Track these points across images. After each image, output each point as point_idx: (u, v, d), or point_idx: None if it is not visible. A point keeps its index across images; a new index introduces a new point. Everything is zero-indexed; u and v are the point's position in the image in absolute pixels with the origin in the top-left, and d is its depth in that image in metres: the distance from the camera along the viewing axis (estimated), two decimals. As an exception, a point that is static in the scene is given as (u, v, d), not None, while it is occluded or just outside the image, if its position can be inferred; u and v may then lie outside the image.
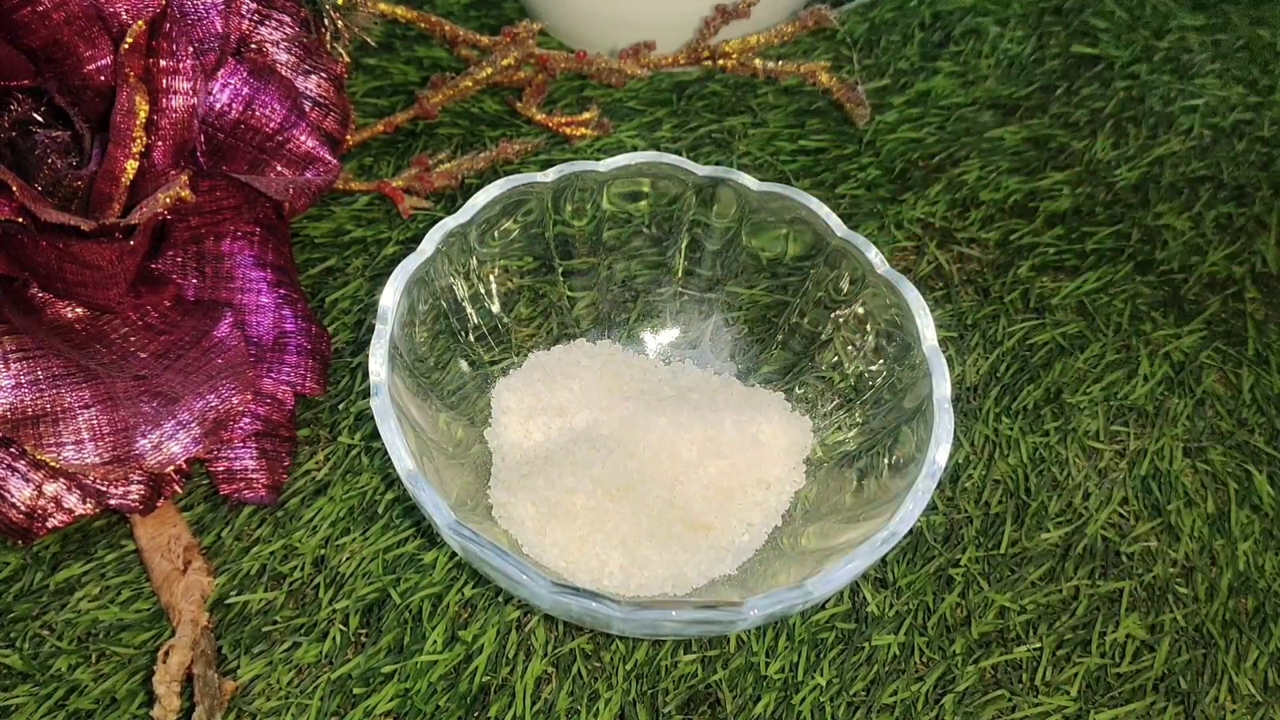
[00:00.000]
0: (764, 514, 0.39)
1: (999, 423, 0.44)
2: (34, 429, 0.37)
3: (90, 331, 0.40)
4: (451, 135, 0.50)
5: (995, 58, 0.55)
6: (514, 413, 0.40)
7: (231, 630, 0.38)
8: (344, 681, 0.37)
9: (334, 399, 0.43)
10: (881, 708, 0.38)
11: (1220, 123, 0.53)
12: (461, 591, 0.39)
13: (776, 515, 0.40)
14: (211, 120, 0.40)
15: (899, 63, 0.54)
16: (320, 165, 0.42)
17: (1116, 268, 0.48)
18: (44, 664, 0.38)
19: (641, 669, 0.38)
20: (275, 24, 0.41)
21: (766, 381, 0.42)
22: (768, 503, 0.39)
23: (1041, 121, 0.53)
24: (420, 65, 0.52)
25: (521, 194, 0.40)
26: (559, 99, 0.52)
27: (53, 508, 0.38)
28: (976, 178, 0.50)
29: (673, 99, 0.52)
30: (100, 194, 0.39)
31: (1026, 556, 0.41)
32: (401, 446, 0.35)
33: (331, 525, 0.40)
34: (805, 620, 0.39)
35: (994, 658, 0.39)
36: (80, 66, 0.39)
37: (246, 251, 0.42)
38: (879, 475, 0.38)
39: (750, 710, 0.37)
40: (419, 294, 0.39)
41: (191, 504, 0.40)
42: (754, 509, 0.39)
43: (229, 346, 0.40)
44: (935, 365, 0.37)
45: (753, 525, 0.39)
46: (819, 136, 0.51)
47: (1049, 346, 0.46)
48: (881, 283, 0.39)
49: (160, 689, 0.36)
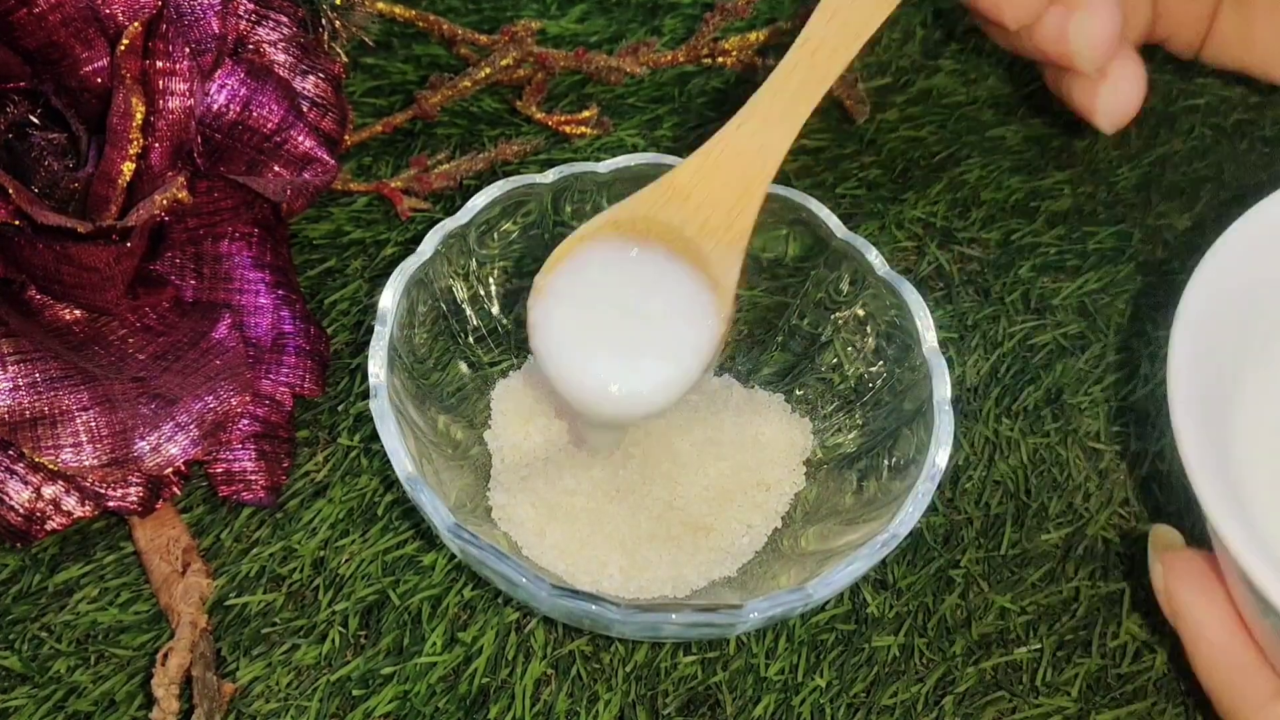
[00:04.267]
0: (764, 516, 0.39)
1: (999, 424, 0.44)
2: (32, 431, 0.37)
3: (88, 333, 0.40)
4: (450, 135, 0.50)
5: (996, 56, 0.54)
6: (513, 415, 0.40)
7: (230, 632, 0.38)
8: (343, 683, 0.37)
9: (333, 400, 0.43)
10: (881, 709, 0.38)
11: (1222, 123, 0.53)
12: (461, 593, 0.39)
13: (776, 517, 0.40)
14: (209, 121, 0.40)
15: (900, 60, 0.54)
16: (318, 166, 0.42)
17: (1118, 268, 0.48)
18: (43, 666, 0.37)
19: (641, 670, 0.38)
20: (272, 24, 0.41)
21: (766, 383, 0.42)
22: (767, 504, 0.39)
23: (1043, 121, 0.52)
24: (419, 64, 0.52)
25: (521, 195, 0.40)
26: (560, 96, 0.52)
27: (51, 510, 0.38)
28: (978, 177, 0.50)
29: (674, 94, 0.52)
30: (97, 196, 0.39)
31: (1027, 558, 0.41)
32: (401, 449, 0.35)
33: (331, 527, 0.40)
34: (805, 622, 0.39)
35: (994, 659, 0.39)
36: (77, 68, 0.39)
37: (245, 252, 0.42)
38: (879, 477, 0.38)
39: (750, 712, 0.37)
40: (418, 295, 0.38)
41: (190, 506, 0.40)
42: (754, 511, 0.39)
43: (227, 348, 0.40)
44: (935, 367, 0.37)
45: (753, 527, 0.39)
46: (819, 135, 0.51)
47: (1050, 347, 0.46)
48: (882, 284, 0.39)
49: (159, 691, 0.36)
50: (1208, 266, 0.36)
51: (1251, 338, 0.36)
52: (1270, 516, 0.33)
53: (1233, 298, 0.36)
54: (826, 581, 0.34)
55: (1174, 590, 0.34)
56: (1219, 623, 0.33)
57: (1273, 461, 0.35)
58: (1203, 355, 0.34)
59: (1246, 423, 0.35)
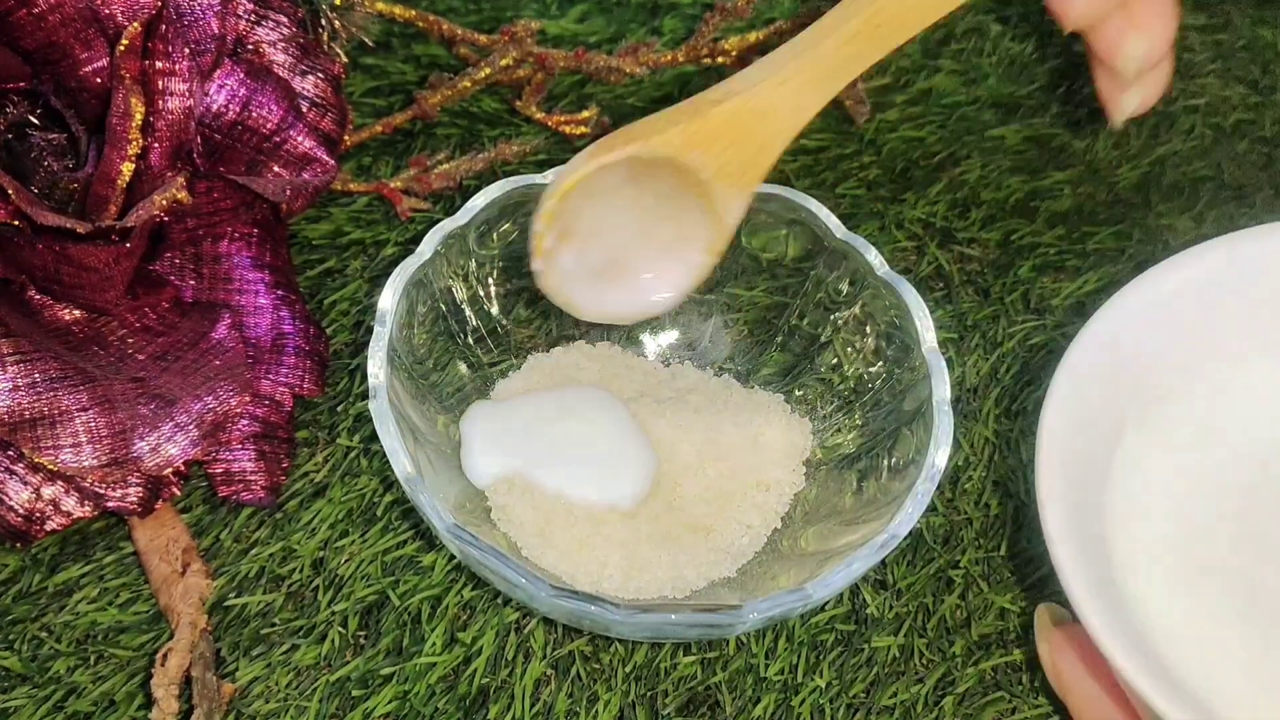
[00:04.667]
0: (763, 516, 0.39)
1: (999, 424, 0.44)
2: (32, 432, 0.37)
3: (88, 334, 0.40)
4: (450, 135, 0.50)
5: (997, 56, 0.54)
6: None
7: (230, 632, 0.38)
8: (343, 683, 0.37)
9: (332, 400, 0.43)
10: (881, 709, 0.38)
11: (1221, 122, 0.53)
12: (460, 593, 0.39)
13: (776, 517, 0.40)
14: (208, 121, 0.40)
15: (900, 60, 0.54)
16: (318, 166, 0.42)
17: (1118, 268, 0.48)
18: (42, 666, 0.37)
19: (641, 671, 0.38)
20: (272, 24, 0.41)
21: (766, 383, 0.42)
22: (767, 505, 0.39)
23: (1043, 121, 0.52)
24: (418, 64, 0.52)
25: (521, 195, 0.40)
26: (560, 96, 0.52)
27: (51, 510, 0.38)
28: (978, 177, 0.50)
29: (674, 94, 0.52)
30: (97, 196, 0.39)
31: (1027, 558, 0.41)
32: (400, 450, 0.35)
33: (330, 527, 0.40)
34: (805, 622, 0.39)
35: (994, 659, 0.39)
36: (76, 68, 0.39)
37: (244, 253, 0.42)
38: (879, 477, 0.38)
39: (750, 712, 0.37)
40: (418, 296, 0.38)
41: (190, 506, 0.40)
42: (753, 511, 0.39)
43: (227, 348, 0.40)
44: (935, 367, 0.37)
45: (752, 527, 0.39)
46: (819, 135, 0.51)
47: (1050, 347, 0.46)
48: (881, 284, 0.39)
49: (159, 691, 0.36)
50: (1086, 336, 0.36)
51: (1127, 408, 0.36)
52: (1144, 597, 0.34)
53: (1108, 369, 0.36)
54: (826, 582, 0.34)
55: (1059, 666, 0.35)
56: (1099, 698, 0.34)
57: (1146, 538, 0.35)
58: (1074, 429, 0.35)
59: (1119, 497, 0.36)
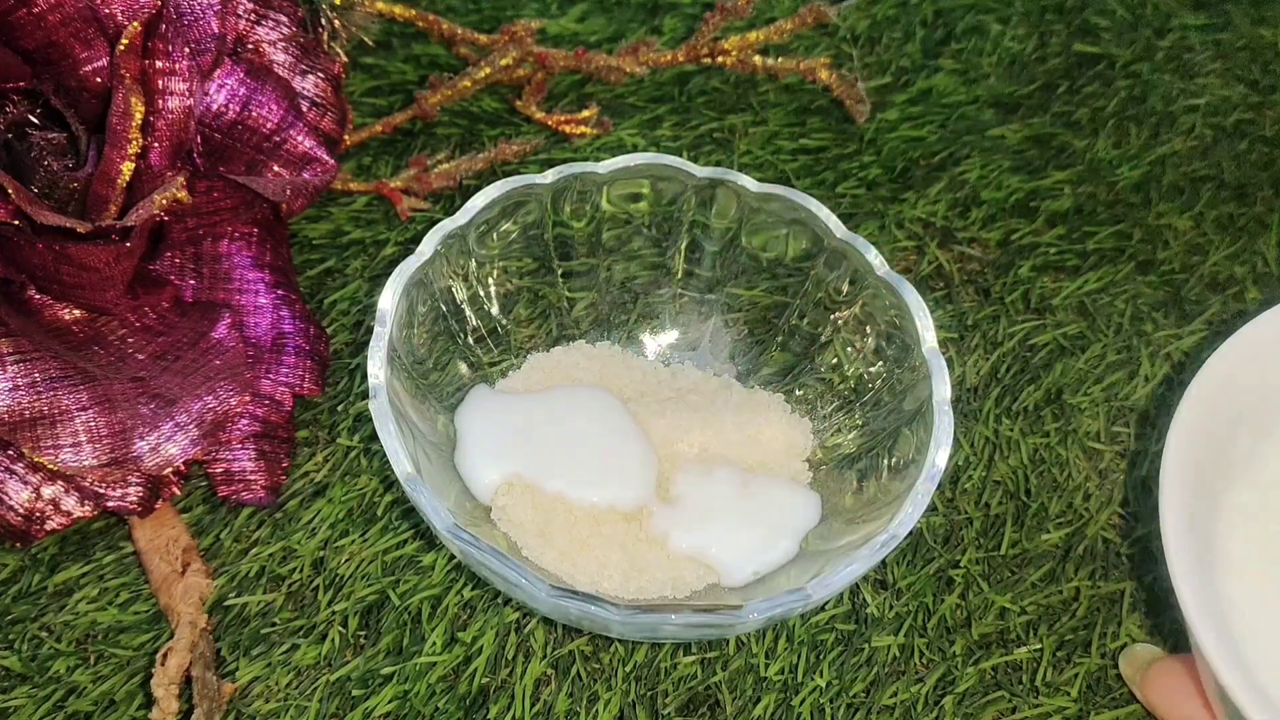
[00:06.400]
0: (763, 516, 0.39)
1: (999, 424, 0.44)
2: (32, 431, 0.37)
3: (88, 333, 0.40)
4: (450, 134, 0.50)
5: (997, 56, 0.54)
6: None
7: (230, 632, 0.38)
8: (343, 683, 0.37)
9: (332, 400, 0.43)
10: (881, 709, 0.38)
11: (1222, 122, 0.53)
12: (460, 593, 0.39)
13: (776, 517, 0.39)
14: (208, 121, 0.40)
15: (900, 60, 0.54)
16: (318, 165, 0.42)
17: (1117, 267, 0.48)
18: (42, 666, 0.37)
19: (641, 670, 0.38)
20: (272, 24, 0.41)
21: (766, 383, 0.42)
22: (767, 505, 0.39)
23: (1043, 120, 0.52)
24: (418, 63, 0.52)
25: (520, 195, 0.40)
26: (560, 95, 0.52)
27: (51, 510, 0.38)
28: (978, 177, 0.50)
29: (674, 94, 0.52)
30: (97, 196, 0.39)
31: (1027, 558, 0.41)
32: (400, 450, 0.34)
33: (330, 527, 0.40)
34: (805, 622, 0.39)
35: (994, 659, 0.39)
36: (76, 68, 0.39)
37: (244, 252, 0.42)
38: (879, 477, 0.38)
39: (750, 712, 0.37)
40: (418, 296, 0.38)
41: (190, 505, 0.40)
42: (753, 511, 0.39)
43: (227, 348, 0.40)
44: (935, 367, 0.37)
45: (752, 527, 0.39)
46: (820, 135, 0.51)
47: (1050, 347, 0.46)
48: (881, 284, 0.39)
49: (159, 691, 0.36)
50: (1205, 373, 0.37)
51: (1238, 446, 0.37)
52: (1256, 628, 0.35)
53: (1223, 406, 0.37)
54: (826, 582, 0.34)
55: (1155, 703, 0.37)
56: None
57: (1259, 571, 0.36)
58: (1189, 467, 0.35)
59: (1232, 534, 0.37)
